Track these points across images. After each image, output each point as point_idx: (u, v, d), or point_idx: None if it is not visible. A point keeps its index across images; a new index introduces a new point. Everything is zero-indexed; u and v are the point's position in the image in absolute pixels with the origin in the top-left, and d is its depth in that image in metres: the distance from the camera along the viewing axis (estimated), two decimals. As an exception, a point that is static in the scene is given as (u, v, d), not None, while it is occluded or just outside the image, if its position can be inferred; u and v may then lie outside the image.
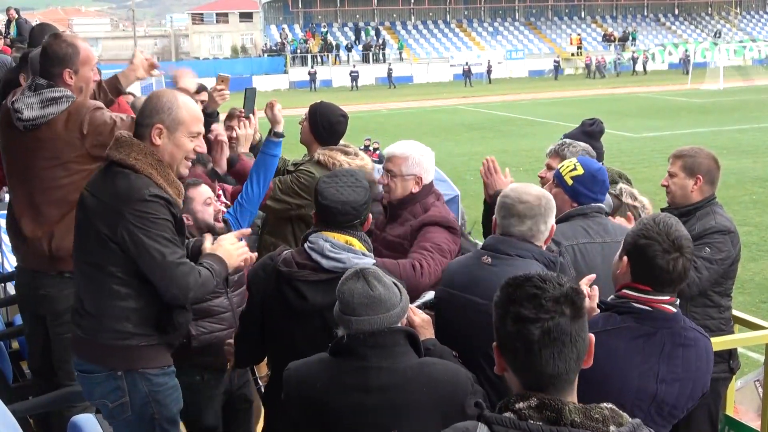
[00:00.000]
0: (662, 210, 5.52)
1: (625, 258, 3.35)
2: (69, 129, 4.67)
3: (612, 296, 3.46)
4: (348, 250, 3.88)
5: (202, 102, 6.30)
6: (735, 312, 5.54)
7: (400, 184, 4.86)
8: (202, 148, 4.04)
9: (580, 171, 4.65)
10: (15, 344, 6.44)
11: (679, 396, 3.32)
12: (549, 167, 5.29)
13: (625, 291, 3.36)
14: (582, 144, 5.43)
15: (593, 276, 3.73)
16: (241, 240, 4.23)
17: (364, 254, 3.92)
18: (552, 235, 4.04)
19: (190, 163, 4.03)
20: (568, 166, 4.71)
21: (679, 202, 5.38)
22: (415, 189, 4.87)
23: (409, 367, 3.25)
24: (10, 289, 7.47)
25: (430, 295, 4.15)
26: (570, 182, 4.65)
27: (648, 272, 3.28)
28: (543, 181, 5.17)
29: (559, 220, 4.64)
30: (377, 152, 25.05)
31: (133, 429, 3.90)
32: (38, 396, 5.19)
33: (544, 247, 3.98)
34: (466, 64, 64.33)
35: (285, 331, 3.97)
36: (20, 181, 4.95)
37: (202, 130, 4.01)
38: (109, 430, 4.20)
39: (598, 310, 3.41)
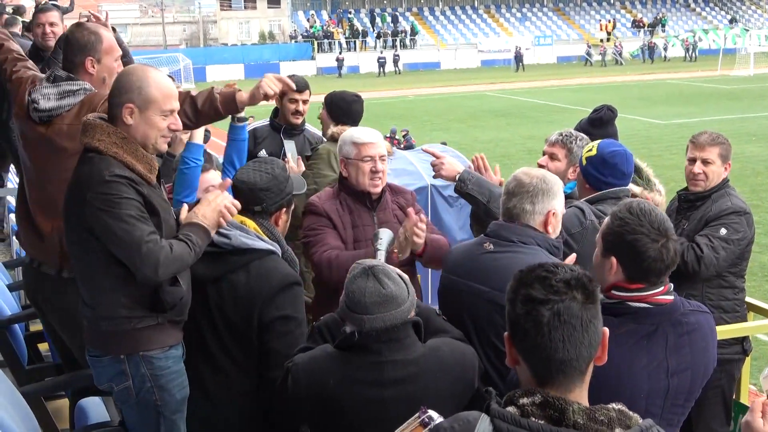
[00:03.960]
0: (678, 192, 5.53)
1: (613, 259, 3.19)
2: (80, 119, 4.41)
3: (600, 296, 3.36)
4: (238, 228, 3.87)
5: (304, 102, 6.36)
6: (754, 301, 5.55)
7: (387, 167, 4.81)
8: (177, 125, 3.88)
9: (593, 152, 4.71)
10: (32, 326, 6.46)
11: (693, 382, 3.24)
12: (552, 156, 5.15)
13: (615, 293, 3.19)
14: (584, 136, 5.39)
15: (574, 256, 3.68)
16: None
17: (258, 237, 3.89)
18: (551, 223, 3.90)
19: (168, 139, 3.90)
20: (587, 148, 4.78)
21: (710, 188, 5.38)
22: None
23: (421, 356, 3.28)
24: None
25: (387, 234, 4.11)
26: (584, 162, 4.74)
27: (641, 267, 3.15)
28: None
29: (590, 202, 4.67)
30: (405, 138, 24.94)
31: (138, 415, 3.88)
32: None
33: (553, 235, 3.92)
34: (517, 48, 63.58)
35: None
36: (34, 174, 4.87)
37: (176, 107, 3.86)
38: (115, 413, 4.23)
39: None
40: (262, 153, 6.26)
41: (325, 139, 6.48)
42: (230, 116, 5.19)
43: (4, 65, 5.12)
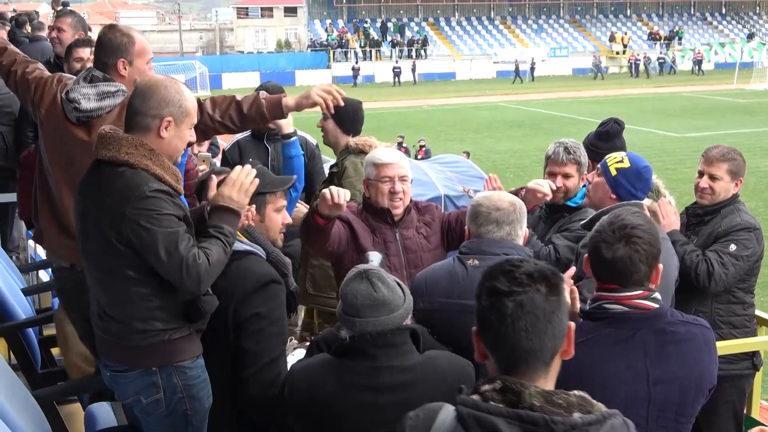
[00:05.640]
0: (687, 208, 5.53)
1: (586, 255, 3.34)
2: (119, 123, 4.28)
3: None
4: None
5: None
6: (765, 314, 5.55)
7: (409, 187, 4.84)
8: (193, 137, 3.94)
9: (626, 164, 4.72)
10: (46, 331, 6.47)
11: (683, 394, 3.24)
12: (566, 176, 5.26)
13: (598, 292, 3.29)
14: (579, 144, 5.46)
15: (572, 271, 3.73)
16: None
17: (240, 241, 3.89)
18: (526, 240, 4.17)
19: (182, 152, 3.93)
20: (615, 158, 4.78)
21: (719, 202, 5.37)
22: None
23: (418, 364, 3.30)
24: (43, 276, 7.55)
25: (376, 256, 4.13)
26: (614, 173, 4.72)
27: (597, 265, 3.25)
28: (558, 191, 5.14)
29: (606, 213, 4.66)
30: (423, 149, 24.79)
31: (165, 425, 3.85)
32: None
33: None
34: (515, 60, 63.74)
35: None
36: (67, 177, 4.68)
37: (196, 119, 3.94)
38: (123, 419, 4.24)
39: (580, 320, 3.28)
40: None
41: (308, 138, 6.50)
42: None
43: (14, 66, 4.99)
